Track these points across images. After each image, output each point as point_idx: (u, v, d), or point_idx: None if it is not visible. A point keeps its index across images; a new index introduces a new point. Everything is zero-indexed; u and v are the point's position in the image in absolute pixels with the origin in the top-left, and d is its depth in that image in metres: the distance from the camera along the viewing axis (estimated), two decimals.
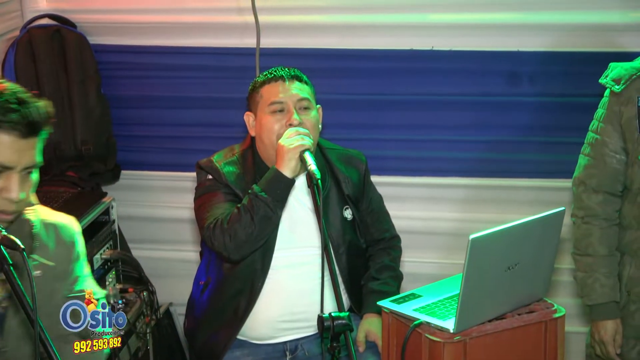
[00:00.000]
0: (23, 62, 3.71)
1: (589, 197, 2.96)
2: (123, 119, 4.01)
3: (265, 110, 2.91)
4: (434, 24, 3.74)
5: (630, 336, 2.98)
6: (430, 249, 3.94)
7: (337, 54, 3.82)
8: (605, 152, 2.92)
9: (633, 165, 2.89)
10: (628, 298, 2.97)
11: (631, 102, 2.86)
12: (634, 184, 2.90)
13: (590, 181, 2.95)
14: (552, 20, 3.65)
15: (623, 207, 2.96)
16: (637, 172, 2.88)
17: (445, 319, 2.48)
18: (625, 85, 2.87)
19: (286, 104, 2.89)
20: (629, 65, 2.92)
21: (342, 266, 2.97)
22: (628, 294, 2.97)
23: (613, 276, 2.95)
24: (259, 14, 3.73)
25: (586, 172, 2.97)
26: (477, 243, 2.34)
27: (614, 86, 2.89)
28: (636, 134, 2.86)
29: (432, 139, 3.89)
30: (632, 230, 2.94)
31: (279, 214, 2.81)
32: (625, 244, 2.97)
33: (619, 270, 2.97)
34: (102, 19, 3.93)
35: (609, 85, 2.92)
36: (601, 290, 2.94)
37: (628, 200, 2.94)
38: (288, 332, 2.96)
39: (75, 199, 3.58)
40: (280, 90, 2.91)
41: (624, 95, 2.87)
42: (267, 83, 2.94)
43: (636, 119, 2.86)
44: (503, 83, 3.76)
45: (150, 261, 3.91)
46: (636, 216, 2.92)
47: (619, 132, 2.90)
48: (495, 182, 3.86)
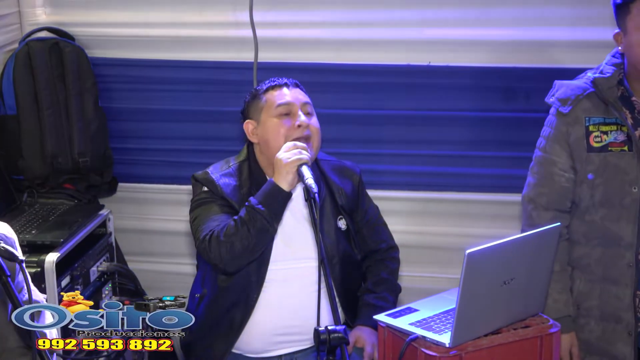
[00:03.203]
0: (21, 74, 3.71)
1: (539, 215, 3.00)
2: (120, 132, 4.01)
3: (271, 114, 2.93)
4: (430, 39, 3.75)
5: (581, 349, 3.02)
6: (425, 263, 3.94)
7: (334, 68, 3.83)
8: (555, 170, 2.97)
9: (581, 184, 2.94)
10: (577, 312, 3.01)
11: (578, 123, 2.92)
12: (582, 201, 2.95)
13: (540, 199, 3.00)
14: (549, 37, 3.67)
15: (572, 223, 3.00)
16: (585, 191, 2.93)
17: (441, 333, 2.49)
18: (571, 106, 2.92)
19: (293, 105, 2.93)
20: (575, 85, 2.97)
21: (335, 277, 2.97)
22: (577, 308, 3.01)
23: (565, 291, 2.99)
24: (256, 28, 3.75)
25: (535, 190, 3.01)
26: (473, 258, 2.34)
27: (560, 107, 2.94)
28: (584, 153, 2.91)
29: (427, 154, 3.89)
30: (581, 245, 2.99)
31: (275, 226, 2.81)
32: (574, 259, 3.01)
33: (570, 285, 3.01)
34: (100, 32, 3.93)
35: (556, 105, 2.97)
36: (554, 305, 2.96)
37: (576, 217, 2.99)
38: (283, 345, 2.95)
39: (72, 211, 3.58)
40: (285, 93, 2.96)
41: (571, 115, 2.92)
42: (271, 89, 2.98)
43: (585, 138, 2.91)
44: (499, 99, 3.77)
45: (146, 274, 3.91)
46: (584, 233, 2.97)
47: (567, 152, 2.95)
48: (490, 198, 3.86)
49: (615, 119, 2.88)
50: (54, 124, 3.74)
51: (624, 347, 2.94)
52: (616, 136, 2.89)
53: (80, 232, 3.35)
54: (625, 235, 2.90)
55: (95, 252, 3.45)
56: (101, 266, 3.47)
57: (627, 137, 2.88)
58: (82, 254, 3.33)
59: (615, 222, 2.90)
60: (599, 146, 2.90)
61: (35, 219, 3.42)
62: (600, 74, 2.93)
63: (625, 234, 2.90)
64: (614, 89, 2.90)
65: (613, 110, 2.88)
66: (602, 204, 2.92)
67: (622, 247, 2.90)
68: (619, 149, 2.88)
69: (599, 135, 2.90)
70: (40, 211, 3.54)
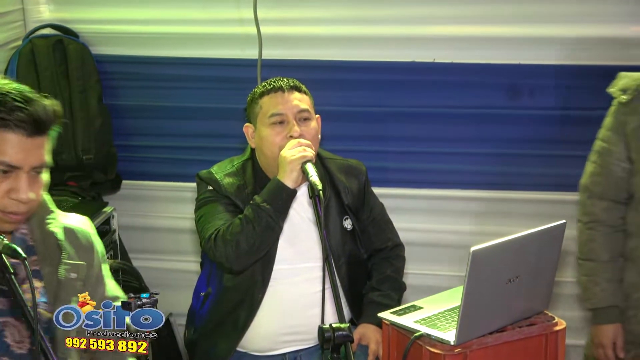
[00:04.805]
0: (25, 71, 3.72)
1: (593, 204, 2.99)
2: (124, 129, 4.02)
3: (265, 122, 2.89)
4: (435, 36, 3.75)
5: (627, 341, 3.01)
6: (430, 261, 3.93)
7: (339, 65, 3.83)
8: (610, 160, 2.95)
9: (637, 174, 2.92)
10: (627, 303, 2.99)
11: (636, 113, 2.90)
12: (638, 192, 2.93)
13: (595, 188, 2.99)
14: (554, 33, 3.66)
15: (627, 215, 2.98)
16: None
17: (445, 331, 2.48)
18: (631, 95, 2.90)
19: (286, 115, 2.87)
20: (637, 76, 2.95)
21: (342, 276, 2.97)
22: (627, 299, 2.99)
23: (615, 281, 2.98)
24: (261, 25, 3.74)
25: (591, 179, 3.00)
26: (478, 255, 2.34)
27: (620, 96, 2.93)
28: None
29: (433, 151, 3.89)
30: (635, 237, 2.97)
31: (281, 224, 2.81)
32: (628, 250, 2.99)
33: (620, 275, 2.99)
34: (104, 29, 3.94)
35: (616, 95, 2.95)
36: (602, 294, 2.96)
37: (632, 208, 2.97)
38: (288, 344, 2.95)
39: (76, 208, 3.57)
40: (279, 101, 2.89)
41: (630, 105, 2.91)
42: (266, 94, 2.92)
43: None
44: (504, 96, 3.77)
45: (150, 271, 3.91)
46: (639, 224, 2.95)
47: (624, 141, 2.93)
48: (495, 195, 3.86)
49: None
50: None
51: None
52: None
53: None
54: None
55: None
56: None
57: None
58: None
59: None
60: None
61: None
62: None
63: None
64: None
65: None
66: None
67: None
68: None
69: None
70: None
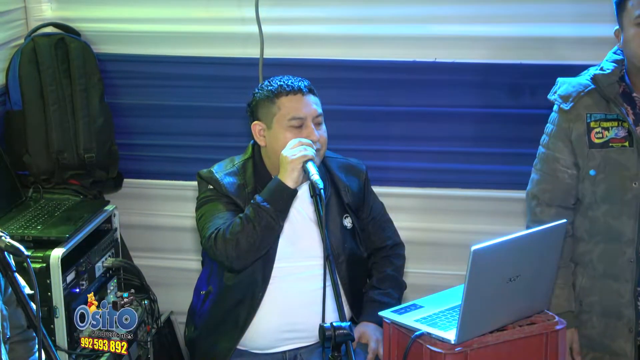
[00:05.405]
0: (27, 69, 3.72)
1: (542, 211, 3.03)
2: (126, 128, 4.02)
3: (283, 124, 2.88)
4: (436, 35, 3.75)
5: (583, 345, 3.04)
6: (431, 260, 3.94)
7: (340, 64, 3.83)
8: (557, 167, 2.99)
9: (584, 180, 2.96)
10: (580, 308, 3.02)
11: (580, 119, 2.94)
12: (585, 198, 2.97)
13: (544, 196, 3.03)
14: (554, 33, 3.66)
15: (575, 220, 3.02)
16: (588, 187, 2.95)
17: (446, 330, 2.49)
18: (573, 103, 2.94)
19: (305, 119, 2.88)
20: (576, 82, 2.99)
21: (342, 275, 2.98)
22: (580, 303, 3.02)
23: (568, 287, 3.02)
24: (262, 24, 3.74)
25: (539, 187, 3.04)
26: (478, 254, 2.34)
27: (562, 104, 2.96)
28: (586, 150, 2.92)
29: (433, 151, 3.89)
30: (584, 242, 3.01)
31: (281, 224, 2.81)
32: (577, 255, 3.03)
33: (572, 281, 3.03)
34: (106, 28, 3.94)
35: (558, 102, 2.98)
36: (556, 301, 2.99)
37: (580, 214, 3.01)
38: (288, 341, 2.96)
39: (77, 207, 3.58)
40: (301, 105, 2.89)
41: (572, 112, 2.94)
42: (284, 95, 2.91)
43: (586, 135, 2.92)
44: (506, 95, 3.77)
45: (151, 269, 3.91)
46: (587, 229, 2.99)
47: (569, 148, 2.97)
48: (497, 194, 3.86)
49: (616, 115, 2.90)
50: (60, 119, 3.75)
51: (625, 343, 2.96)
52: (617, 132, 2.90)
53: (85, 228, 3.35)
54: (626, 231, 2.91)
55: (100, 248, 3.45)
56: (106, 262, 3.47)
57: (628, 133, 2.90)
58: (87, 249, 3.33)
59: (617, 218, 2.92)
60: (601, 142, 2.91)
61: (41, 214, 3.43)
62: (601, 70, 2.96)
63: (626, 230, 2.91)
64: (615, 85, 2.92)
65: (614, 106, 2.90)
66: (604, 200, 2.93)
67: (623, 243, 2.92)
68: (620, 145, 2.90)
69: (600, 132, 2.92)
70: (45, 207, 3.54)
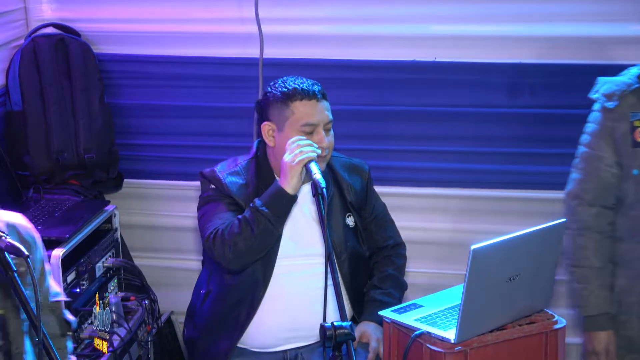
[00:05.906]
0: (27, 70, 3.72)
1: (583, 210, 3.00)
2: (126, 128, 4.02)
3: (295, 128, 2.85)
4: (436, 35, 3.75)
5: (620, 346, 3.02)
6: (431, 259, 3.94)
7: (340, 64, 3.83)
8: (600, 166, 2.97)
9: (627, 179, 2.94)
10: (619, 309, 3.00)
11: (624, 118, 2.91)
12: (627, 197, 2.95)
13: (586, 195, 3.00)
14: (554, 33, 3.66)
15: (616, 220, 3.00)
16: (631, 186, 2.93)
17: (446, 329, 2.49)
18: (617, 101, 2.91)
19: (318, 126, 2.87)
20: (620, 81, 2.96)
21: (344, 273, 2.98)
22: (619, 304, 3.00)
23: (606, 288, 2.99)
24: (262, 24, 3.74)
25: (581, 186, 3.02)
26: (478, 254, 2.35)
27: (606, 102, 2.94)
28: (630, 149, 2.90)
29: (433, 150, 3.89)
30: (625, 242, 2.99)
31: (279, 228, 2.81)
32: (617, 256, 3.01)
33: (611, 281, 3.00)
34: (105, 28, 3.94)
35: (601, 101, 2.96)
36: (595, 301, 2.98)
37: (621, 213, 2.99)
38: (289, 340, 2.96)
39: (77, 207, 3.58)
40: (315, 111, 2.87)
41: (617, 111, 2.92)
42: (298, 99, 2.87)
43: (630, 134, 2.90)
44: (505, 94, 3.77)
45: (152, 270, 3.91)
46: (628, 229, 2.97)
47: (612, 147, 2.95)
48: (496, 194, 3.86)
49: None
50: (60, 120, 3.75)
51: None
52: None
53: (86, 228, 3.35)
54: None
55: (101, 248, 3.45)
56: (107, 262, 3.47)
57: None
58: (87, 249, 3.34)
59: None
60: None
61: (41, 214, 3.43)
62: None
63: None
64: None
65: None
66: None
67: None
68: None
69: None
70: (45, 207, 3.54)
